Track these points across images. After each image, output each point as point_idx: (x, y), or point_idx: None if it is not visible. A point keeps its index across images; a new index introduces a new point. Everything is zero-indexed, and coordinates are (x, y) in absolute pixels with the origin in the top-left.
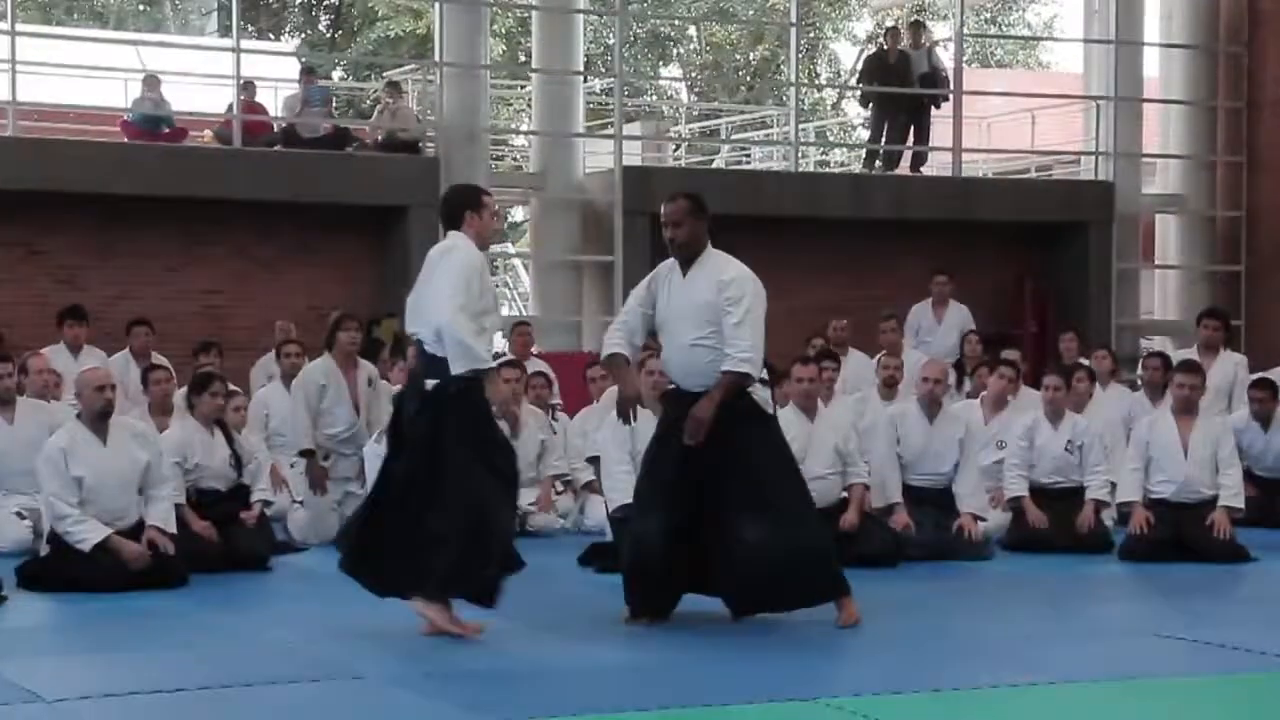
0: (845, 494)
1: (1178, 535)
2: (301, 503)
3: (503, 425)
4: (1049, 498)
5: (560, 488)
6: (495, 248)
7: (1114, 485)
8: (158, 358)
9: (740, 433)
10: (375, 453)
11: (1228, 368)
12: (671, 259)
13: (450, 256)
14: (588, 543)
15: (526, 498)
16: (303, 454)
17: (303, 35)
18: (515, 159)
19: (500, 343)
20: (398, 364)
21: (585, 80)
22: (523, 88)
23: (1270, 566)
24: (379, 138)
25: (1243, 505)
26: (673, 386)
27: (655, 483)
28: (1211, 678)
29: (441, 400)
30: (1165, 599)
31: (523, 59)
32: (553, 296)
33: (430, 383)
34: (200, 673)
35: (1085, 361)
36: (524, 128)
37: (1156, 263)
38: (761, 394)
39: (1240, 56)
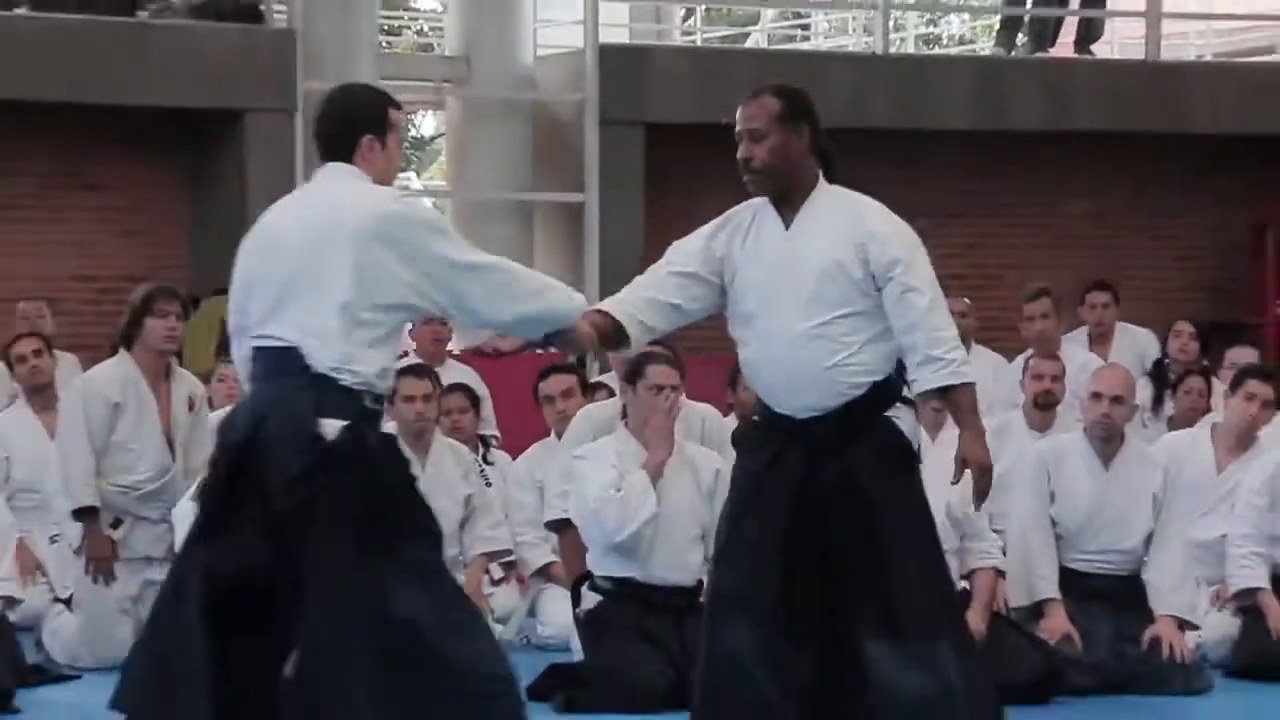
0: (964, 583)
1: None
2: (68, 601)
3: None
4: None
5: (498, 573)
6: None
7: None
8: None
9: (889, 499)
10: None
11: None
12: (754, 200)
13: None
14: (544, 662)
15: None
16: (78, 515)
17: None
18: (420, 33)
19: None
20: (219, 370)
21: None
22: None
23: None
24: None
25: None
26: (756, 415)
27: (744, 581)
28: None
29: (346, 458)
30: None
31: None
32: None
33: (330, 425)
34: None
35: None
36: None
37: None
38: (907, 421)
39: None
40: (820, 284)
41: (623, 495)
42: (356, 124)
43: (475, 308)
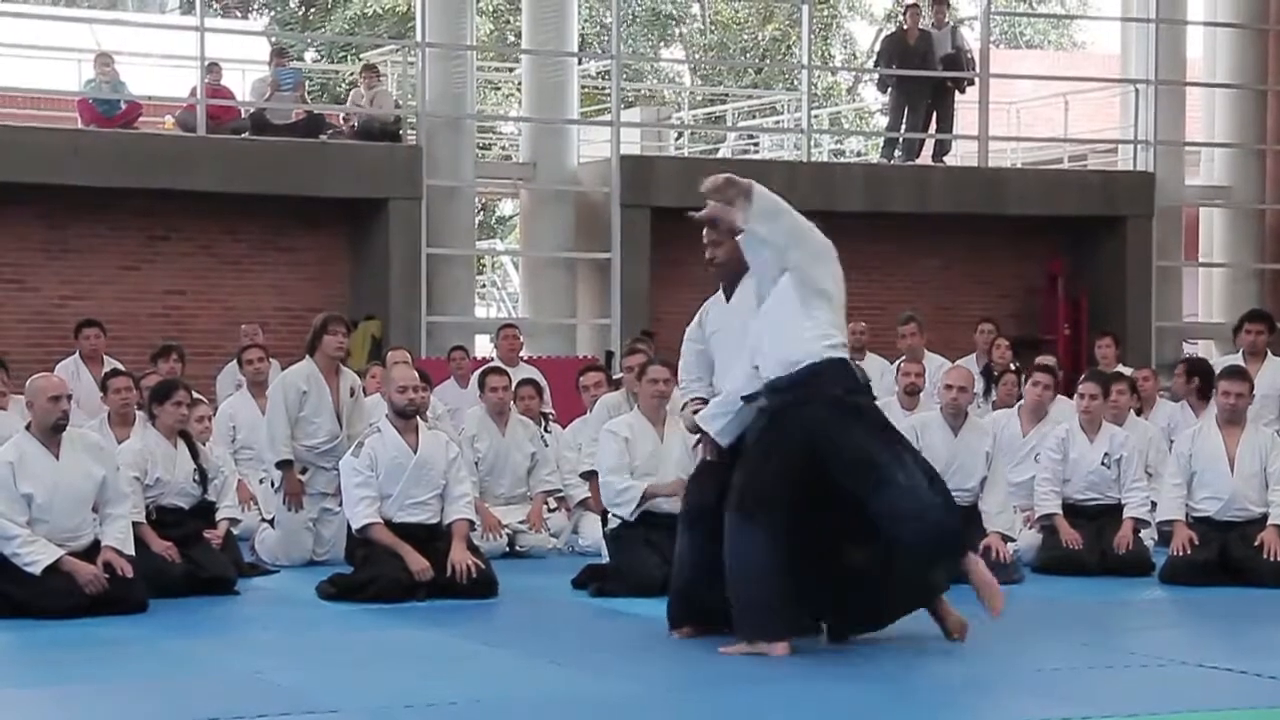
0: None
1: (1223, 557)
2: (271, 521)
3: (487, 436)
4: (1084, 516)
5: (553, 504)
6: (481, 243)
7: (1154, 502)
8: (111, 363)
9: None
10: (351, 466)
11: (1275, 375)
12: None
13: None
14: (583, 564)
15: (515, 515)
16: (280, 465)
17: (272, 13)
18: (503, 148)
19: (488, 347)
20: (370, 370)
21: (580, 62)
22: (512, 70)
23: None
24: (355, 124)
25: None
26: None
27: None
28: (1259, 712)
29: None
30: (1209, 626)
31: (512, 39)
32: (544, 297)
33: None
34: (162, 706)
35: (1125, 370)
36: (513, 114)
37: (1200, 260)
38: None
39: None
40: None
41: (618, 491)
42: None
43: None
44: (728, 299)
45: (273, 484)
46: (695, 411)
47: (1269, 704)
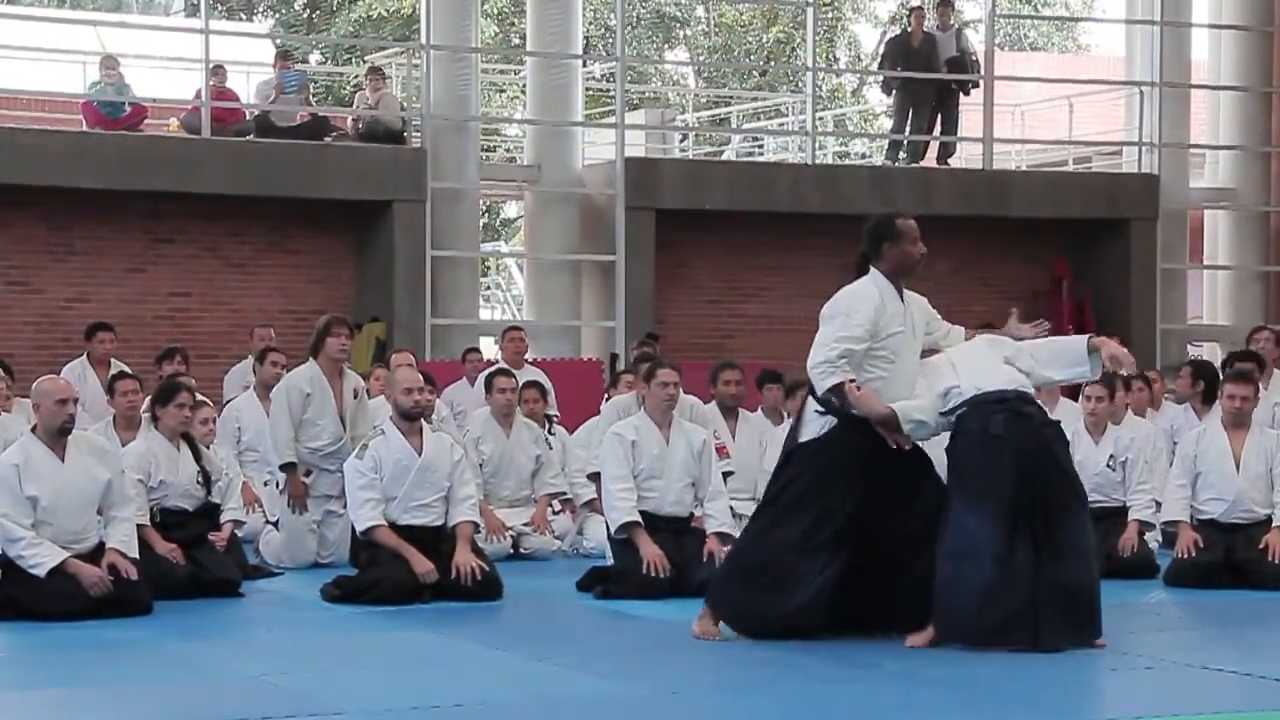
0: None
1: (1228, 559)
2: (275, 523)
3: (492, 438)
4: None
5: (558, 507)
6: (486, 246)
7: (1158, 503)
8: (117, 365)
9: None
10: (355, 469)
11: None
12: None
13: None
14: (587, 566)
15: (520, 517)
16: (283, 468)
17: (277, 16)
18: (508, 150)
19: (493, 349)
20: (374, 372)
21: (585, 64)
22: (517, 73)
23: None
24: (360, 127)
25: None
26: None
27: None
28: (1264, 715)
29: None
30: (1214, 628)
31: (516, 41)
32: (549, 299)
33: None
34: (166, 709)
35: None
36: (518, 116)
37: (1205, 263)
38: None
39: None
40: None
41: (615, 502)
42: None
43: None
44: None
45: (277, 486)
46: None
47: (1274, 706)
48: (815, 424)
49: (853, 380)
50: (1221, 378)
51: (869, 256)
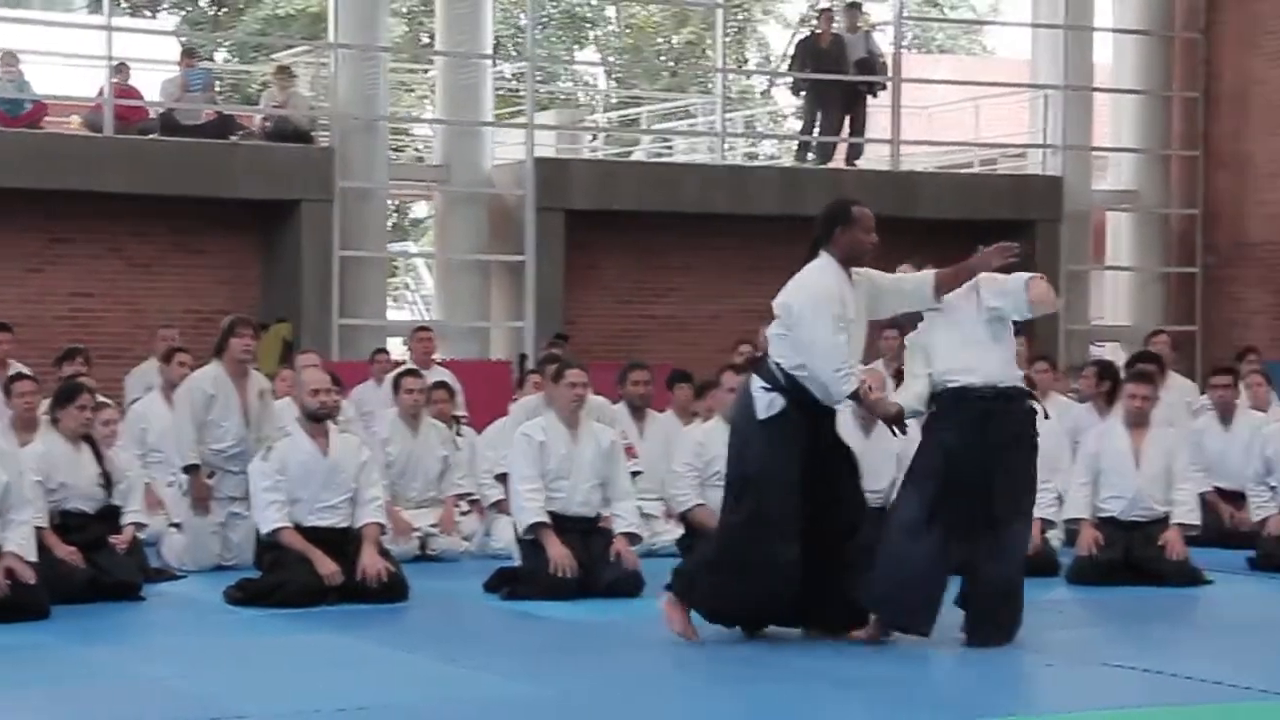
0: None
1: (1128, 556)
2: (178, 525)
3: (399, 439)
4: None
5: (465, 507)
6: (394, 246)
7: (1061, 502)
8: (16, 366)
9: None
10: (260, 470)
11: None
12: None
13: None
14: (494, 567)
15: (427, 519)
16: (187, 469)
17: (182, 12)
18: (417, 150)
19: (401, 350)
20: (280, 373)
21: (494, 64)
22: (426, 72)
23: (1225, 590)
24: (267, 126)
25: (1198, 522)
26: None
27: None
28: (1164, 710)
29: None
30: (1115, 625)
31: (425, 41)
32: (458, 299)
33: None
34: (66, 715)
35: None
36: (427, 116)
37: (1107, 264)
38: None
39: (1196, 44)
40: None
41: (523, 503)
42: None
43: None
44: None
45: (180, 488)
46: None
47: (1175, 702)
48: (764, 400)
49: (865, 382)
50: (1123, 378)
51: (821, 240)
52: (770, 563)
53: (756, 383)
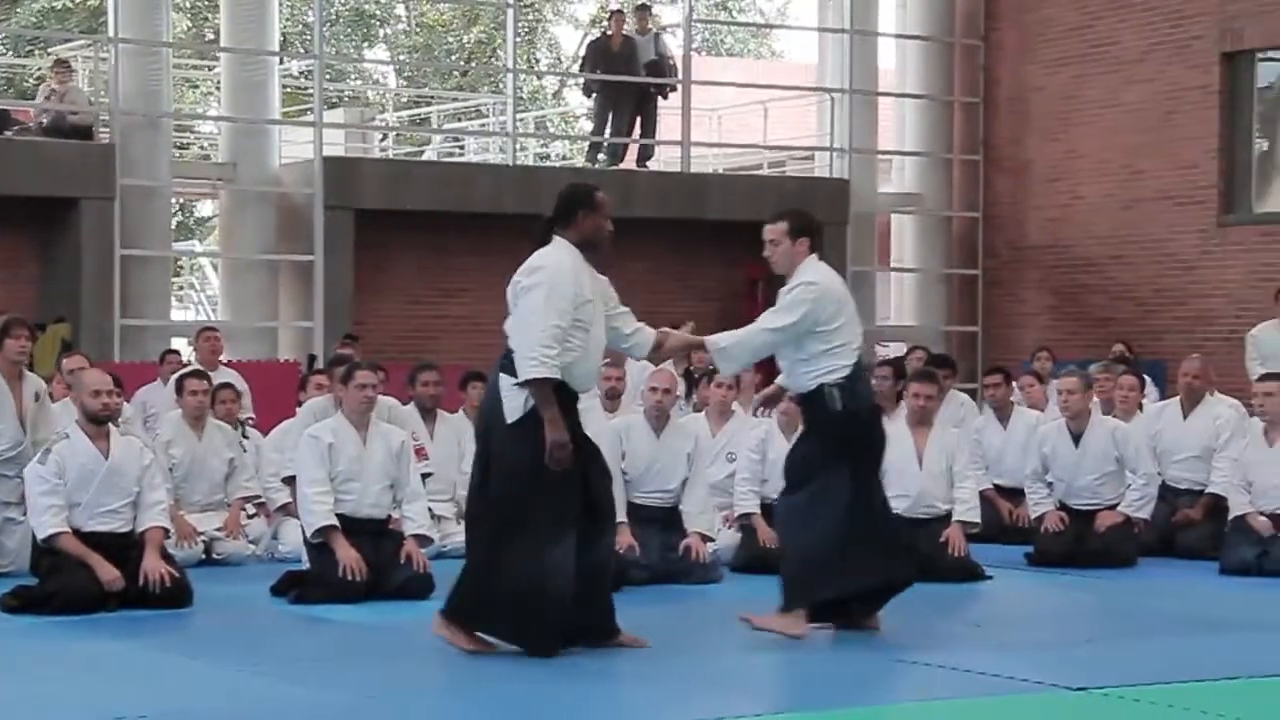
0: None
1: (912, 552)
2: None
3: (183, 441)
4: None
5: (251, 511)
6: (179, 245)
7: None
8: None
9: None
10: (37, 474)
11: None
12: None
13: None
14: (282, 570)
15: (213, 522)
16: None
17: None
18: (202, 147)
19: (188, 351)
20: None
21: (281, 61)
22: (211, 69)
23: (1004, 585)
24: (44, 121)
25: (978, 520)
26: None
27: None
28: (945, 703)
29: None
30: (897, 620)
31: (210, 36)
32: (245, 299)
33: None
34: None
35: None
36: (212, 112)
37: (893, 265)
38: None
39: (976, 50)
40: None
41: (311, 506)
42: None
43: None
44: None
45: None
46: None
47: (952, 695)
48: (516, 399)
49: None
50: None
51: (557, 223)
52: (552, 572)
53: (506, 381)
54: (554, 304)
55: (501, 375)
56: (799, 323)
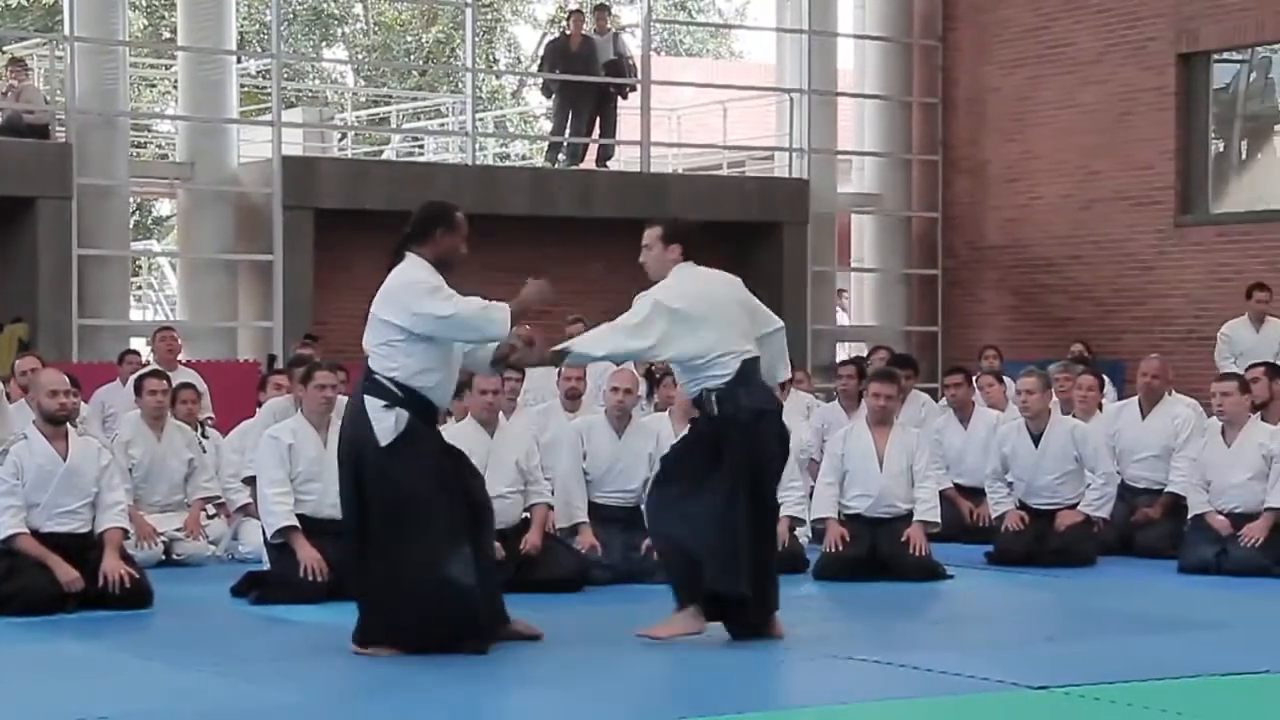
0: (527, 514)
1: (873, 552)
2: None
3: (142, 441)
4: None
5: (211, 511)
6: (137, 244)
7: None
8: None
9: None
10: None
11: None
12: None
13: None
14: (242, 571)
15: (172, 523)
16: None
17: None
18: (160, 146)
19: (147, 352)
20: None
21: (239, 61)
22: (168, 68)
23: (964, 584)
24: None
25: (939, 519)
26: None
27: None
28: (905, 702)
29: None
30: (860, 620)
31: (168, 35)
32: (203, 299)
33: None
34: None
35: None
36: (169, 112)
37: (852, 265)
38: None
39: (934, 51)
40: None
41: (271, 507)
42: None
43: None
44: None
45: None
46: None
47: (912, 694)
48: (386, 421)
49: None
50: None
51: (414, 240)
52: (458, 578)
53: (374, 403)
54: (448, 295)
55: (367, 398)
56: (655, 347)
